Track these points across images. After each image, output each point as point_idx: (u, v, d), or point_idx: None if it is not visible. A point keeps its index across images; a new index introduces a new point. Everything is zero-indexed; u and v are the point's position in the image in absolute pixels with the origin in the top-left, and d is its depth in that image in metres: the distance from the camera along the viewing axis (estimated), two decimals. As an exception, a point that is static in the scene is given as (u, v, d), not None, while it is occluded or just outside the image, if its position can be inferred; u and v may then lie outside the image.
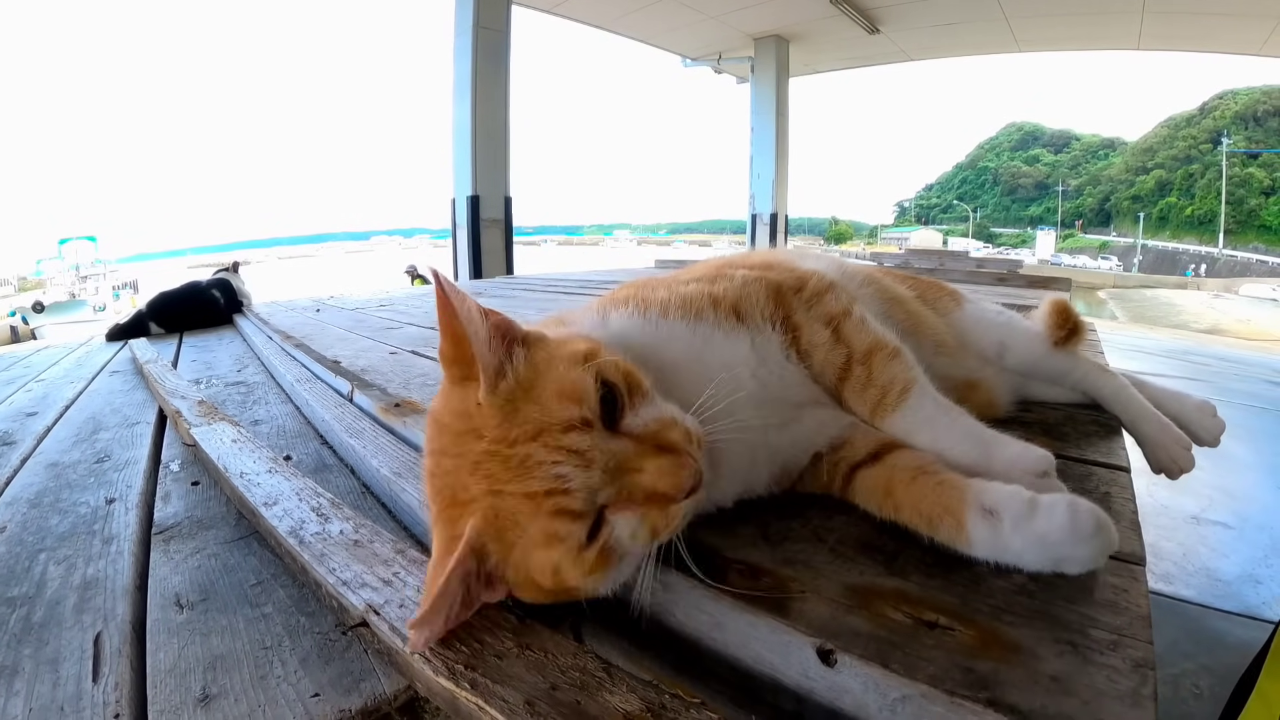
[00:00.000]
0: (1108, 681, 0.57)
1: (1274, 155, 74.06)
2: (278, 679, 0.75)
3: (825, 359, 0.93)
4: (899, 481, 0.83)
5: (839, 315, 0.96)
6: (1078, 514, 0.70)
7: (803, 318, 0.95)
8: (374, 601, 0.80)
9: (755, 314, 0.94)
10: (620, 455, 0.68)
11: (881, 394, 0.90)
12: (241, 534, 1.13)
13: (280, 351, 2.60)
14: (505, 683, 0.64)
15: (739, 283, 0.97)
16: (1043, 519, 0.71)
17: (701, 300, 0.92)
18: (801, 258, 1.15)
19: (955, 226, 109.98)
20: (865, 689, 0.60)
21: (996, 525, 0.72)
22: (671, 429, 0.72)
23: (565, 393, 0.69)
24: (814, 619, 0.67)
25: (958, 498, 0.76)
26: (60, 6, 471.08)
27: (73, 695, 0.74)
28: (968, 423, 0.88)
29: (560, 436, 0.67)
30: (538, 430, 0.67)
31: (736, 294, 0.95)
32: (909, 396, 0.89)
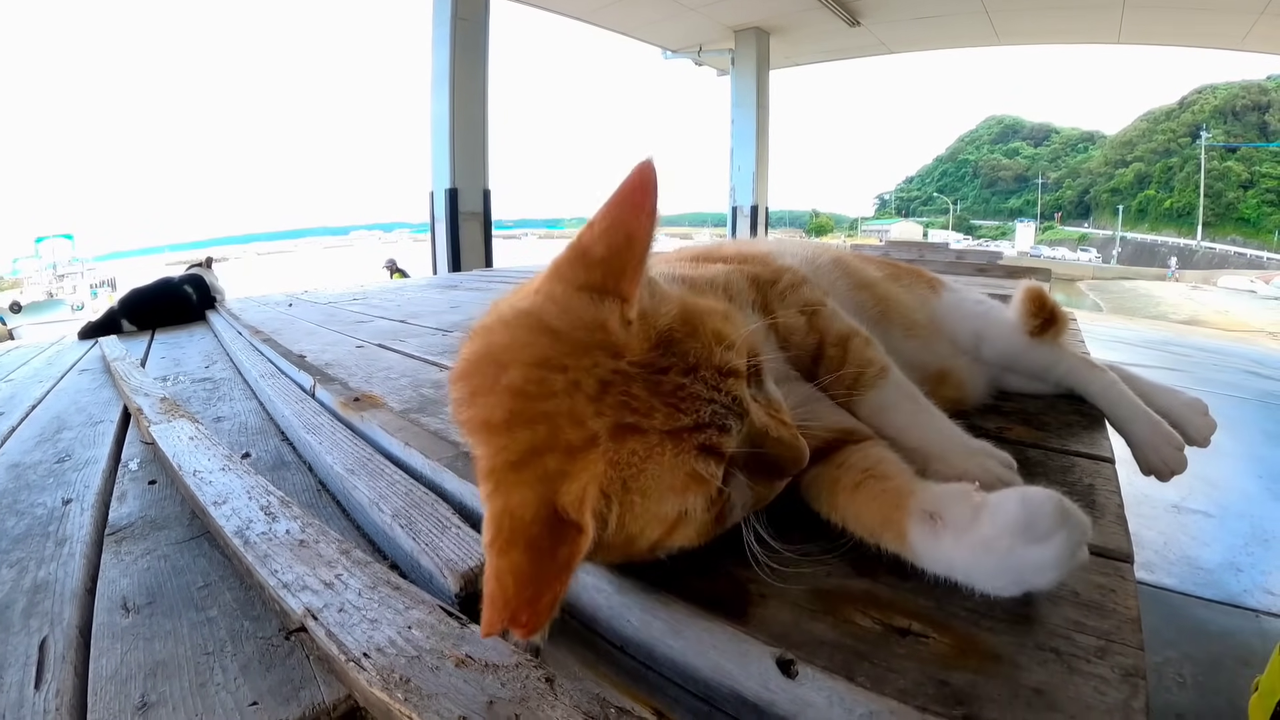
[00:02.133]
0: (1095, 694, 0.53)
1: (1252, 149, 74.88)
2: (217, 686, 0.72)
3: (801, 343, 0.93)
4: (844, 487, 0.76)
5: (814, 304, 0.96)
6: (1031, 504, 0.60)
7: (778, 306, 0.94)
8: (313, 605, 0.76)
9: (742, 299, 0.91)
10: (761, 416, 0.65)
11: (859, 370, 0.90)
12: (193, 534, 1.10)
13: (248, 346, 2.56)
14: (441, 695, 0.60)
15: (725, 270, 0.95)
16: (989, 519, 0.61)
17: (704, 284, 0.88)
18: (775, 252, 1.13)
19: (935, 219, 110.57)
20: (829, 703, 0.56)
21: (940, 533, 0.64)
22: (784, 408, 0.70)
23: (732, 341, 0.63)
24: (774, 625, 0.62)
25: (898, 504, 0.68)
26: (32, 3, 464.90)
27: (14, 702, 0.72)
28: (940, 416, 0.88)
29: (720, 379, 0.61)
30: (694, 365, 0.60)
31: (725, 279, 0.92)
32: (888, 375, 0.90)
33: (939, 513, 0.64)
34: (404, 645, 0.68)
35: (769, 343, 0.89)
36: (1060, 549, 0.58)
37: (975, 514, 0.62)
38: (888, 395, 0.89)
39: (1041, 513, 0.59)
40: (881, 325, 1.12)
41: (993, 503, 0.61)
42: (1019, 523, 0.59)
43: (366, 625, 0.72)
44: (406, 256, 14.04)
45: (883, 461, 0.77)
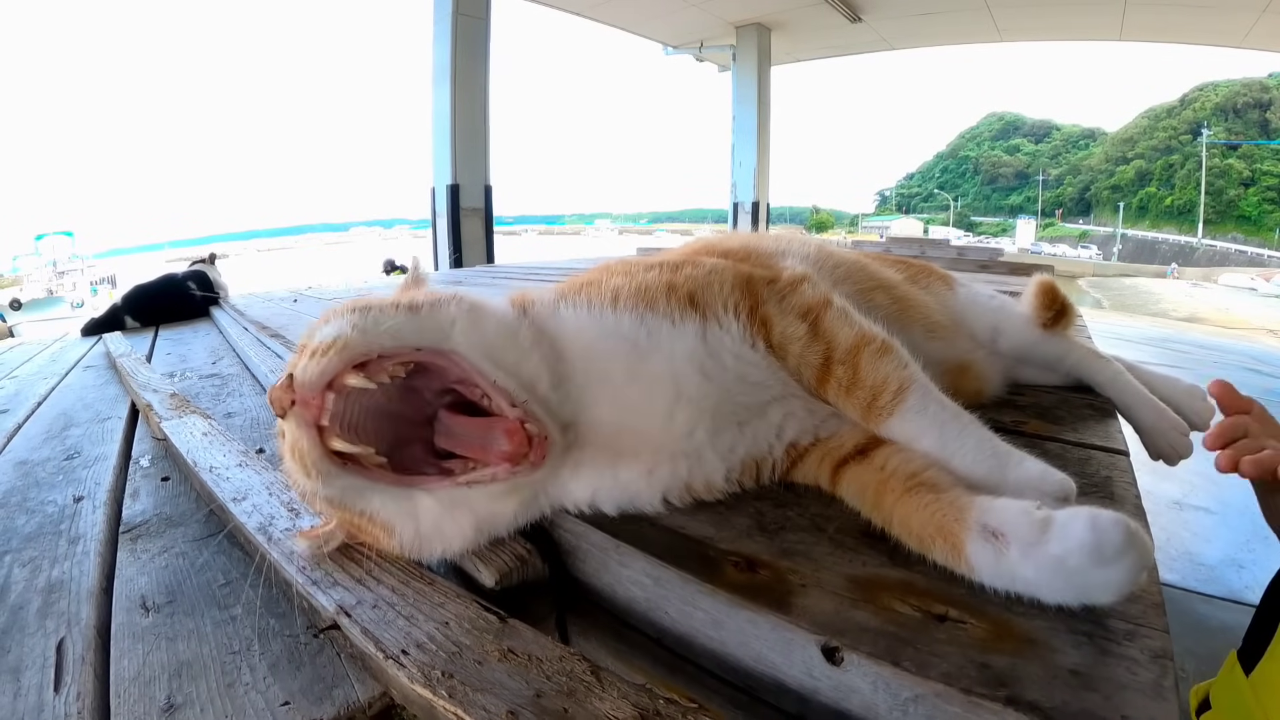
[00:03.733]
0: (1128, 674, 0.54)
1: (1253, 146, 74.84)
2: (246, 686, 0.71)
3: (801, 355, 0.85)
4: (890, 491, 0.74)
5: (817, 306, 0.88)
6: (1100, 527, 0.58)
7: (774, 310, 0.88)
8: (345, 602, 0.76)
9: (716, 303, 0.87)
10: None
11: (873, 395, 0.81)
12: (211, 531, 1.09)
13: (255, 342, 2.55)
14: (486, 690, 0.60)
15: (705, 270, 0.91)
16: (1057, 539, 0.60)
17: (656, 289, 0.86)
18: (780, 250, 1.09)
19: (936, 215, 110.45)
20: (874, 688, 0.56)
21: (1002, 550, 0.62)
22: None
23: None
24: (817, 614, 0.63)
25: (955, 517, 0.66)
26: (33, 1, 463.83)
27: (34, 706, 0.70)
28: (980, 432, 0.78)
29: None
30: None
31: (697, 282, 0.88)
32: (906, 397, 0.80)
33: (1001, 530, 0.63)
34: (444, 641, 0.67)
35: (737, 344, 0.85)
36: (1125, 573, 0.58)
37: (1043, 532, 0.61)
38: (910, 424, 0.79)
39: (1111, 535, 0.58)
40: (900, 326, 1.08)
41: (1060, 522, 0.60)
42: (1088, 545, 0.58)
43: (403, 622, 0.71)
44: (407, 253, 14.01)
45: (930, 468, 0.75)
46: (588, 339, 0.83)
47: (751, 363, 0.85)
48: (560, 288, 0.92)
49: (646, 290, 0.86)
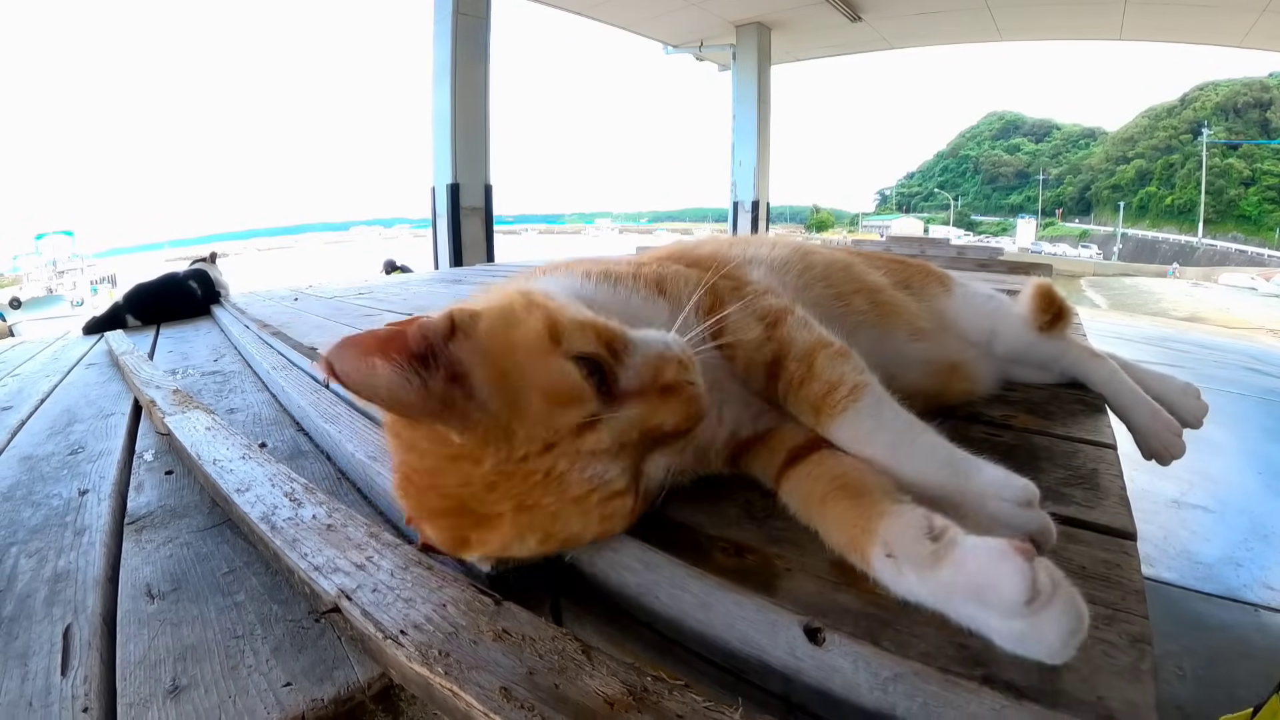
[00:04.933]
0: (1104, 657, 0.55)
1: (1254, 146, 74.75)
2: (249, 668, 0.73)
3: (750, 357, 0.84)
4: (814, 500, 0.74)
5: (777, 312, 0.88)
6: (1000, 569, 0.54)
7: (734, 311, 0.86)
8: (346, 586, 0.78)
9: (682, 296, 0.88)
10: (637, 423, 0.67)
11: (828, 389, 0.79)
12: (215, 522, 1.11)
13: (257, 340, 2.58)
14: (481, 668, 0.62)
15: (672, 269, 0.94)
16: (949, 568, 0.57)
17: (624, 272, 0.90)
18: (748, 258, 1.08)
19: (936, 215, 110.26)
20: (855, 668, 0.58)
21: (899, 570, 0.60)
22: (667, 367, 0.70)
23: (554, 396, 0.65)
24: (801, 596, 0.65)
25: (863, 528, 0.64)
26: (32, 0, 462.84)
27: (41, 689, 0.72)
28: (934, 440, 0.75)
29: (575, 443, 0.64)
30: (547, 443, 0.64)
31: (667, 273, 0.92)
32: (861, 396, 0.78)
33: (893, 551, 0.61)
34: (440, 622, 0.69)
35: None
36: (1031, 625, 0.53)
37: (936, 560, 0.58)
38: (863, 424, 0.76)
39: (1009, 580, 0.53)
40: (881, 329, 1.10)
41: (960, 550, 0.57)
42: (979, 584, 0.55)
43: (402, 604, 0.73)
44: (407, 252, 14.01)
45: (852, 471, 0.74)
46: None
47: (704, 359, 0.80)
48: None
49: (612, 272, 0.90)
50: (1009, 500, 0.67)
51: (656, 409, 0.68)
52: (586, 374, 0.66)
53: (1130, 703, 0.51)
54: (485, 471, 0.64)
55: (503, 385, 0.65)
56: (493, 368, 0.65)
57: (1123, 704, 0.51)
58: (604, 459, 0.66)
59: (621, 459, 0.67)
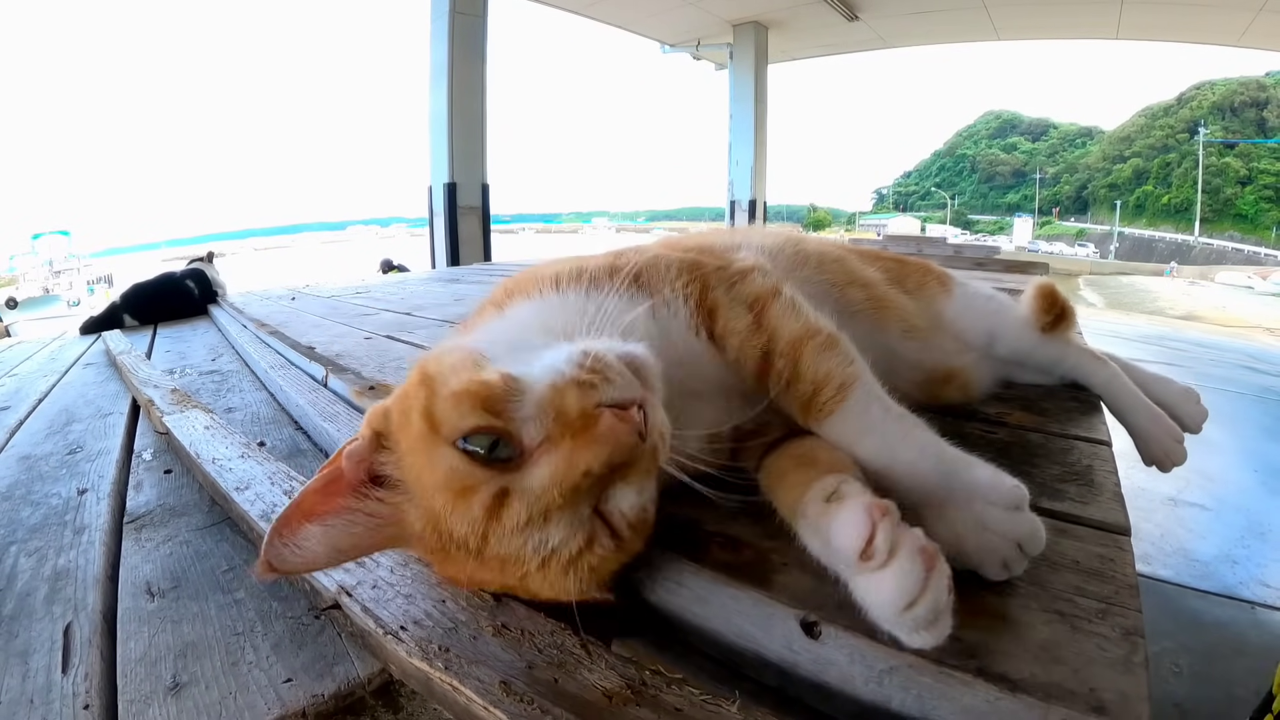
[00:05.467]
0: (1098, 649, 0.56)
1: (1250, 145, 74.83)
2: (249, 665, 0.73)
3: (741, 347, 0.81)
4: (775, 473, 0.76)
5: (765, 296, 0.84)
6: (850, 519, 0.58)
7: (722, 297, 0.84)
8: (346, 583, 0.78)
9: (663, 285, 0.83)
10: (554, 481, 0.59)
11: (813, 390, 0.77)
12: (214, 520, 1.11)
13: (255, 339, 2.57)
14: (480, 662, 0.62)
15: (649, 255, 0.87)
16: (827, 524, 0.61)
17: (599, 270, 0.83)
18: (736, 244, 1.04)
19: (933, 213, 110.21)
20: (851, 660, 0.59)
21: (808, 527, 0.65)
22: (566, 401, 0.61)
23: (453, 491, 0.60)
24: (797, 591, 0.65)
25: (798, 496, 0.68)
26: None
27: (42, 687, 0.73)
28: (925, 437, 0.73)
29: (498, 525, 0.60)
30: (481, 535, 0.60)
31: (641, 264, 0.84)
32: (849, 395, 0.75)
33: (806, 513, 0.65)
34: (440, 617, 0.70)
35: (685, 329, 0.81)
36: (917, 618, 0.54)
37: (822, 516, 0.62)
38: (850, 425, 0.75)
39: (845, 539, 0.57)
40: (876, 324, 1.09)
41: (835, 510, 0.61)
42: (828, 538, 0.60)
43: (401, 600, 0.74)
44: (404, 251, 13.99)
45: (812, 448, 0.75)
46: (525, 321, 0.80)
47: (696, 352, 0.81)
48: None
49: (586, 271, 0.84)
50: (996, 503, 0.66)
51: (573, 456, 0.59)
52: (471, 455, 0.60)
53: (1122, 694, 0.51)
54: (461, 563, 0.63)
55: (421, 489, 0.63)
56: (409, 473, 0.64)
57: (1115, 695, 0.51)
58: (536, 529, 0.59)
59: (561, 519, 0.60)
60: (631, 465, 0.63)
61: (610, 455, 0.60)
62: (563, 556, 0.60)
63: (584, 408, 0.60)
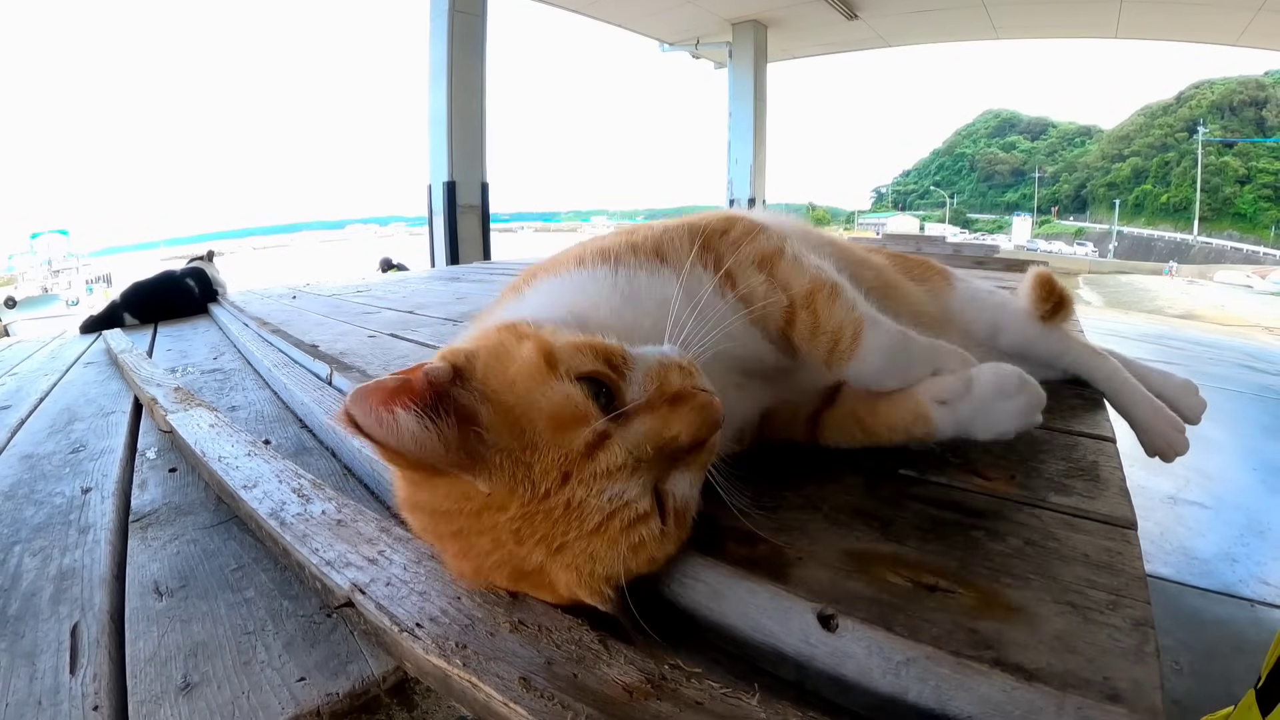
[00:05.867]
0: (1110, 640, 0.57)
1: (1249, 144, 74.87)
2: (261, 664, 0.73)
3: (766, 307, 0.88)
4: (863, 412, 0.89)
5: (770, 255, 0.91)
6: (1003, 373, 0.82)
7: (732, 262, 0.90)
8: (359, 581, 0.78)
9: (680, 256, 0.89)
10: (649, 437, 0.65)
11: (833, 341, 0.86)
12: (221, 519, 1.11)
13: (257, 338, 2.57)
14: (499, 659, 0.62)
15: (659, 229, 0.94)
16: (975, 388, 0.82)
17: (620, 247, 0.89)
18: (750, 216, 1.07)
19: (932, 212, 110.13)
20: (868, 653, 0.59)
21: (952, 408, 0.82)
22: (670, 375, 0.69)
23: (560, 420, 0.63)
24: (813, 584, 0.66)
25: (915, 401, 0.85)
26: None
27: (50, 688, 0.72)
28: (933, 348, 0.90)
29: (588, 466, 0.62)
30: (563, 473, 0.62)
31: (658, 238, 0.91)
32: (862, 339, 0.86)
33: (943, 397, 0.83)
34: (456, 614, 0.70)
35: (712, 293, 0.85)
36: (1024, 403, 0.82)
37: (968, 387, 0.82)
38: (871, 363, 0.86)
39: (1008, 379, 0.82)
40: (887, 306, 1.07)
41: (975, 375, 0.83)
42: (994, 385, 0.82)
43: (416, 597, 0.73)
44: (403, 250, 13.98)
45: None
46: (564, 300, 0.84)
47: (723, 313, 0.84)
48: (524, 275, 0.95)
49: (610, 250, 0.89)
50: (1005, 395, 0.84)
51: (668, 420, 0.66)
52: (589, 393, 0.65)
53: (1135, 682, 0.52)
54: (511, 518, 0.63)
55: (510, 421, 0.63)
56: (498, 405, 0.64)
57: (1128, 684, 0.52)
58: (620, 478, 0.63)
59: (639, 477, 0.64)
60: (699, 452, 0.70)
61: (697, 430, 0.67)
62: (627, 517, 0.63)
63: (684, 385, 0.69)
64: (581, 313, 0.80)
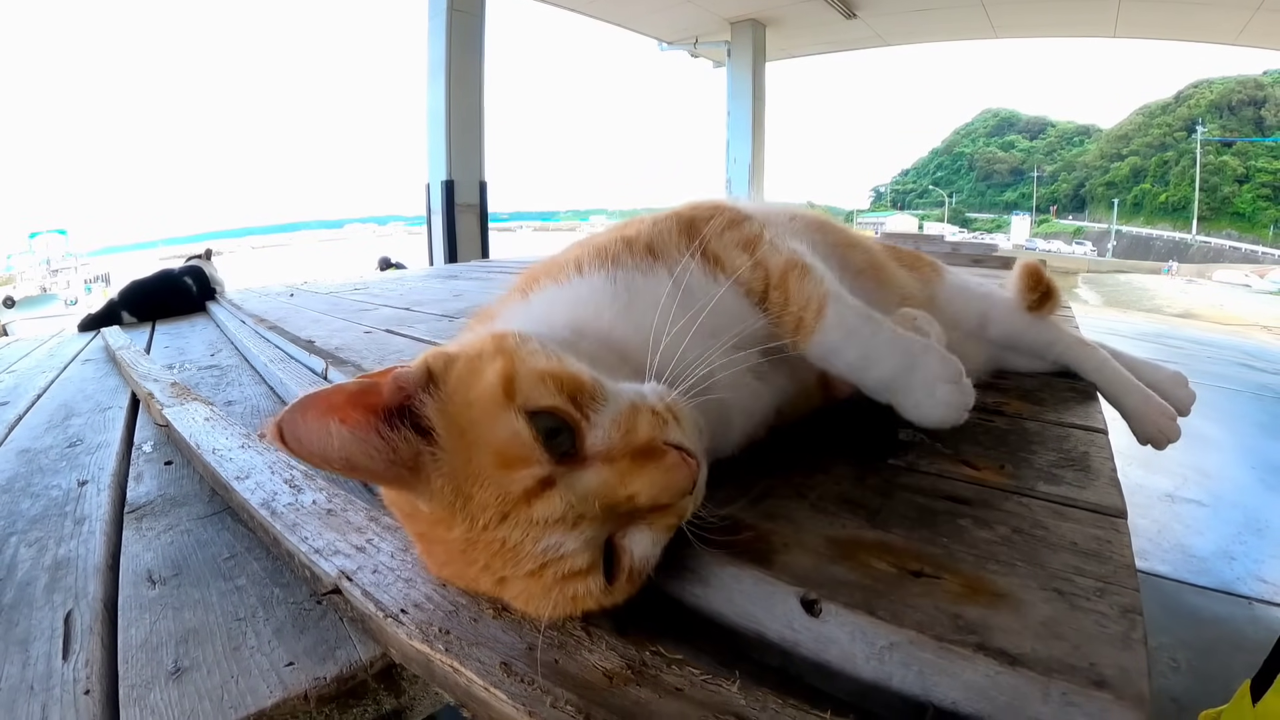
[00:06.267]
0: (1097, 626, 0.57)
1: (1248, 144, 74.88)
2: (251, 650, 0.74)
3: (749, 284, 0.90)
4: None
5: (753, 239, 0.93)
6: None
7: (718, 245, 0.91)
8: (346, 568, 0.78)
9: (671, 249, 0.90)
10: (599, 492, 0.60)
11: (799, 315, 0.87)
12: (215, 510, 1.12)
13: (254, 334, 2.57)
14: (481, 644, 0.63)
15: (649, 222, 0.95)
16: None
17: (615, 246, 0.89)
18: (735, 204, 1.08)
19: (931, 211, 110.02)
20: (852, 638, 0.59)
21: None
22: (639, 424, 0.63)
23: (504, 458, 0.59)
24: (798, 570, 0.66)
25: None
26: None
27: (43, 674, 0.73)
28: (889, 330, 0.89)
29: (526, 511, 0.59)
30: (500, 512, 0.59)
31: (649, 233, 0.92)
32: (825, 311, 0.87)
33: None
34: (440, 601, 0.70)
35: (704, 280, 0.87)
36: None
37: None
38: (831, 337, 0.87)
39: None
40: (877, 288, 1.13)
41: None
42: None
43: (402, 584, 0.74)
44: (401, 249, 13.97)
45: None
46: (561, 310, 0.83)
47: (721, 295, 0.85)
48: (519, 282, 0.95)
49: (606, 250, 0.89)
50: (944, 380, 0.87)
51: (626, 477, 0.61)
52: (538, 434, 0.60)
53: (1122, 669, 0.52)
54: (457, 539, 0.62)
55: (461, 446, 0.61)
56: (453, 425, 0.61)
57: (1115, 669, 0.52)
58: (557, 531, 0.59)
59: (580, 531, 0.59)
60: (663, 513, 0.64)
61: (657, 494, 0.61)
62: (562, 570, 0.60)
63: (652, 437, 0.62)
64: (582, 321, 0.78)
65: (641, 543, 0.63)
